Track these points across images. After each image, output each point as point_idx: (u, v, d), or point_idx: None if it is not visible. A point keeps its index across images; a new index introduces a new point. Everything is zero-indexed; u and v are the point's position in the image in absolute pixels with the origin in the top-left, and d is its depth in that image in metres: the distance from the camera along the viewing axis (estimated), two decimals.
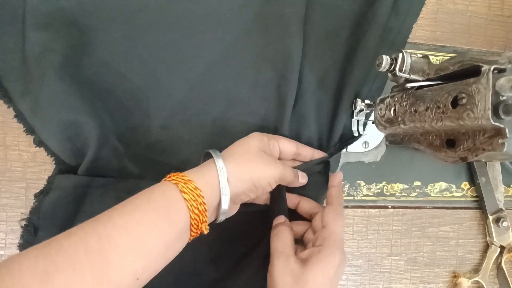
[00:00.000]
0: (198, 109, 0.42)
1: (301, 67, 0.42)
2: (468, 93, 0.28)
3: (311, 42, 0.43)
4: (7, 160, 0.41)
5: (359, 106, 0.42)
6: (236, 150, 0.36)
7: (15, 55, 0.38)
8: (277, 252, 0.35)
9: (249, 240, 0.41)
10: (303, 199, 0.41)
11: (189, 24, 0.42)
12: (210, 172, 0.33)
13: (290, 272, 0.33)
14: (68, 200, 0.38)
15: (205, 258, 0.40)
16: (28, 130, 0.39)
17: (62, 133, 0.38)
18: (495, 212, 0.48)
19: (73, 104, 0.38)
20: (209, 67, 0.42)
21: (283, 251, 0.35)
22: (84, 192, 0.39)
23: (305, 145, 0.42)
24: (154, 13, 0.41)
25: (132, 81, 0.41)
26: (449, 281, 0.49)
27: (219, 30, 0.42)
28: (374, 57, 0.41)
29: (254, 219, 0.41)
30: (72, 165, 0.40)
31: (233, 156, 0.35)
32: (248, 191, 0.35)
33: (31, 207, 0.39)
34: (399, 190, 0.48)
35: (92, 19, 0.40)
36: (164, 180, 0.32)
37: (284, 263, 0.34)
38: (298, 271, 0.33)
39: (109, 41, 0.40)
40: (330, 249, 0.34)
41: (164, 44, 0.41)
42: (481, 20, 0.49)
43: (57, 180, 0.39)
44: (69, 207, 0.38)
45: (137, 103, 0.41)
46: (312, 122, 0.43)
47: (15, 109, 0.39)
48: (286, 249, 0.35)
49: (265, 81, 0.43)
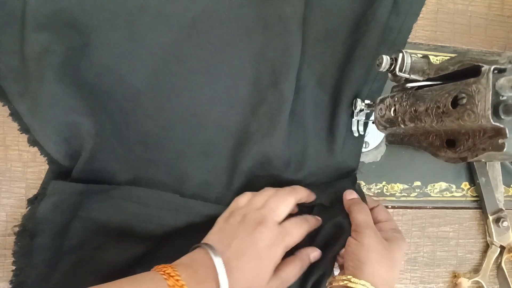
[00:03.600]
0: (198, 109, 0.42)
1: (300, 66, 0.42)
2: (468, 93, 0.28)
3: (310, 42, 0.43)
4: (7, 160, 0.41)
5: (359, 106, 0.42)
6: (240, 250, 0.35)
7: (14, 55, 0.38)
8: (364, 222, 0.38)
9: None
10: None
11: (188, 24, 0.42)
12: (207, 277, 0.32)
13: (380, 241, 0.36)
14: (64, 206, 0.38)
15: None
16: (23, 130, 0.39)
17: (58, 134, 0.38)
18: (495, 212, 0.48)
19: (71, 105, 0.38)
20: (209, 67, 0.42)
21: (369, 222, 0.38)
22: (80, 198, 0.38)
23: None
24: (153, 13, 0.41)
25: (131, 82, 0.41)
26: (449, 281, 0.49)
27: (218, 29, 0.42)
28: (374, 57, 0.41)
29: None
30: (66, 165, 0.39)
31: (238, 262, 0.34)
32: None
33: (24, 214, 0.38)
34: (399, 190, 0.48)
35: (92, 20, 0.40)
36: (154, 271, 0.32)
37: (375, 234, 0.37)
38: (384, 241, 0.37)
39: (109, 42, 0.40)
40: (400, 235, 0.39)
41: (163, 44, 0.41)
42: (481, 20, 0.49)
43: (52, 187, 0.38)
44: (64, 213, 0.38)
45: (137, 104, 0.41)
46: (309, 121, 0.43)
47: (10, 107, 0.39)
48: (370, 221, 0.38)
49: (264, 80, 0.43)
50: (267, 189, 0.40)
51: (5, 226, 0.40)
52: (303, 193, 0.41)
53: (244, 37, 0.42)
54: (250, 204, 0.39)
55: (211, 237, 0.37)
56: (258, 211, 0.37)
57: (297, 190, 0.40)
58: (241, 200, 0.40)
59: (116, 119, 0.41)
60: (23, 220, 0.38)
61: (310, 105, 0.43)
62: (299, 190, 0.41)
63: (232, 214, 0.38)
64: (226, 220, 0.38)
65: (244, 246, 0.35)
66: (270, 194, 0.39)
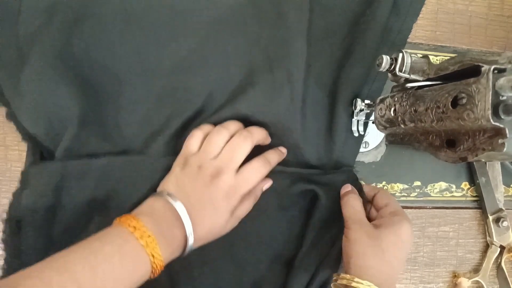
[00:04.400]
0: (188, 93, 0.42)
1: None
2: (468, 93, 0.28)
3: (309, 41, 0.43)
4: (7, 160, 0.41)
5: (359, 106, 0.42)
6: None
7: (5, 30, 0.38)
8: (350, 218, 0.38)
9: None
10: (364, 185, 0.44)
11: (184, 17, 0.42)
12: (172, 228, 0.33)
13: (365, 232, 0.36)
14: (46, 190, 0.37)
15: None
16: (2, 103, 0.38)
17: (40, 111, 0.37)
18: (495, 212, 0.48)
19: (56, 80, 0.37)
20: (203, 48, 0.42)
21: (356, 216, 0.38)
22: (61, 179, 0.38)
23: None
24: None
25: (120, 65, 0.40)
26: (449, 281, 0.49)
27: (208, 12, 0.42)
28: (374, 57, 0.41)
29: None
30: (45, 144, 0.39)
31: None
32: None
33: (9, 203, 0.38)
34: (399, 190, 0.48)
35: (87, 4, 0.39)
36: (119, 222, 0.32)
37: (359, 226, 0.37)
38: (372, 231, 0.36)
39: (102, 25, 0.40)
40: (399, 217, 0.38)
41: (155, 26, 0.41)
42: (481, 20, 0.49)
43: (32, 171, 0.38)
44: (49, 198, 0.37)
45: (124, 86, 0.41)
46: (308, 120, 0.43)
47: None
48: (358, 215, 0.38)
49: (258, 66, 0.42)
50: (220, 129, 0.39)
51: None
52: (259, 134, 0.40)
53: (241, 25, 0.42)
54: (204, 152, 0.38)
55: (168, 185, 0.37)
56: (213, 162, 0.37)
57: (253, 133, 0.39)
58: (192, 144, 0.38)
59: (101, 99, 0.40)
60: (9, 210, 0.38)
61: (309, 104, 0.43)
62: (255, 132, 0.40)
63: (187, 163, 0.37)
64: (182, 168, 0.37)
65: (202, 198, 0.35)
66: (223, 138, 0.38)
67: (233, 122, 0.40)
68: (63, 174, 0.38)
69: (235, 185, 0.37)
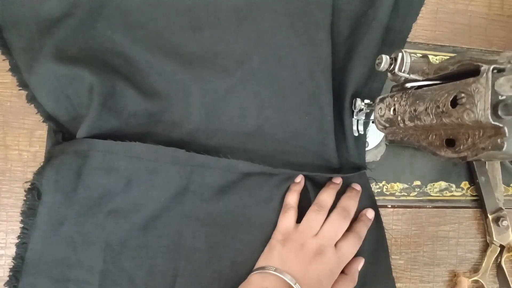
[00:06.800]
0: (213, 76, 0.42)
1: None
2: (468, 93, 0.28)
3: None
4: (7, 160, 0.41)
5: (359, 105, 0.42)
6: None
7: (21, 8, 0.38)
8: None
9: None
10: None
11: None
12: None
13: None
14: (70, 164, 0.38)
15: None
16: (22, 85, 0.39)
17: (58, 89, 0.38)
18: (495, 212, 0.48)
19: (75, 58, 0.38)
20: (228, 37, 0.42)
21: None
22: (85, 156, 0.38)
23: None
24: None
25: (141, 50, 0.40)
26: (449, 280, 0.49)
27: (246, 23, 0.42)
28: (374, 56, 0.41)
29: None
30: (65, 125, 0.39)
31: None
32: None
33: (34, 172, 0.39)
34: (399, 190, 0.48)
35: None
36: None
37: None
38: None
39: (126, 10, 0.40)
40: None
41: (179, 13, 0.41)
42: (481, 20, 0.50)
43: (57, 148, 0.38)
44: (71, 172, 0.38)
45: (150, 65, 0.41)
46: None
47: (11, 62, 0.38)
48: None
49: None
50: (319, 210, 0.40)
51: (5, 226, 0.41)
52: (354, 209, 0.42)
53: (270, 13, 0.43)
54: (305, 230, 0.39)
55: (273, 261, 0.38)
56: (315, 240, 0.39)
57: (350, 212, 0.41)
58: (289, 221, 0.40)
59: (124, 75, 0.40)
60: (33, 178, 0.38)
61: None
62: (352, 210, 0.42)
63: (288, 239, 0.39)
64: (283, 245, 0.39)
65: (308, 273, 0.37)
66: (322, 218, 0.40)
67: (327, 197, 0.41)
68: (88, 150, 0.38)
69: (338, 262, 0.39)
